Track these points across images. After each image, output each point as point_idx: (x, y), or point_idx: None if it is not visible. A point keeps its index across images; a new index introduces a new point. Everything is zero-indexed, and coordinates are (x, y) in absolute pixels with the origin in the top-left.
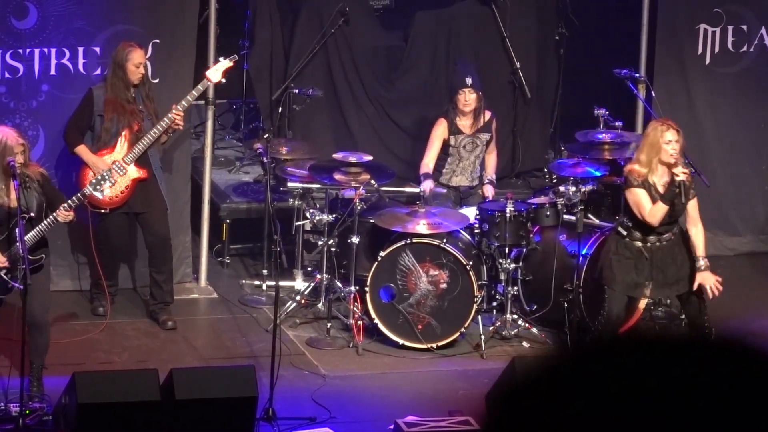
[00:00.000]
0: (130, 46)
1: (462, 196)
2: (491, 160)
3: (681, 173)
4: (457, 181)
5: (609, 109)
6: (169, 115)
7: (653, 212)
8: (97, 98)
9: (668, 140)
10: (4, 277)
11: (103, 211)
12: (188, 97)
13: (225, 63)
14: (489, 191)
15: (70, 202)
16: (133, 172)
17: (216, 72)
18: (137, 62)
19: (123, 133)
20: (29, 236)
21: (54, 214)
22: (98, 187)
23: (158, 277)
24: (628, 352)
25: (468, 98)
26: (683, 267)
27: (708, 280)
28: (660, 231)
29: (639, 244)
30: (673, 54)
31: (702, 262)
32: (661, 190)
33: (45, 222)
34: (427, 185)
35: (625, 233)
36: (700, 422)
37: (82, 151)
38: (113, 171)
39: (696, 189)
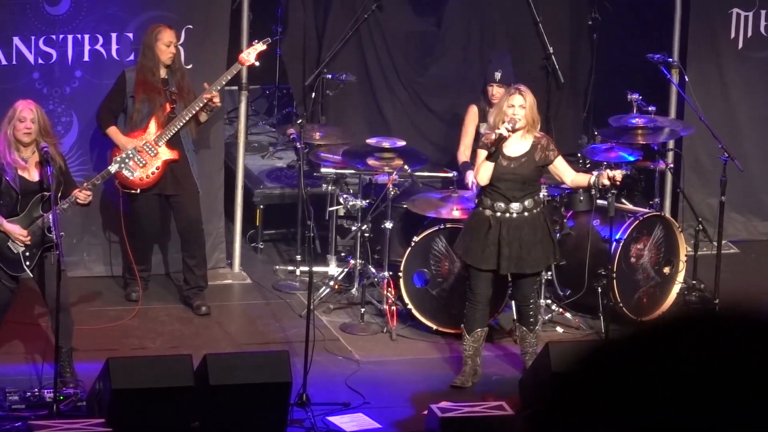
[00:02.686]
0: (159, 26)
1: None
2: None
3: (504, 128)
4: None
5: (642, 94)
6: (203, 96)
7: (477, 168)
8: (129, 80)
9: (512, 104)
10: (20, 254)
11: (134, 192)
12: (221, 80)
13: (259, 46)
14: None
15: (94, 180)
16: (164, 153)
17: (249, 55)
18: (167, 41)
19: (154, 114)
20: (50, 215)
21: (75, 194)
22: (122, 165)
23: (191, 261)
24: (664, 337)
25: (495, 92)
26: (530, 249)
27: (602, 176)
28: (509, 198)
29: (488, 212)
30: (706, 38)
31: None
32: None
33: (63, 203)
34: (470, 178)
35: (476, 201)
36: (735, 410)
37: (113, 132)
38: (142, 151)
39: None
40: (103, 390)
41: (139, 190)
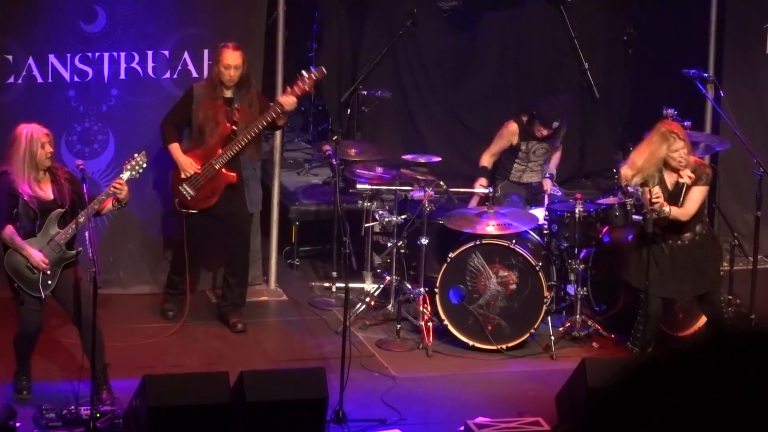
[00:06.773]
0: (224, 46)
1: (534, 192)
2: (554, 158)
3: (687, 176)
4: (528, 177)
5: (677, 109)
6: (267, 114)
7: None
8: (196, 96)
9: (676, 149)
10: (40, 274)
11: (192, 211)
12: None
13: (314, 74)
14: (548, 185)
15: (107, 190)
16: (223, 174)
17: (305, 83)
18: (225, 63)
19: (215, 133)
20: (68, 230)
21: (111, 189)
22: (133, 173)
23: (231, 279)
24: (700, 356)
25: (544, 133)
26: (702, 269)
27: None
28: (684, 230)
29: (661, 243)
30: (741, 53)
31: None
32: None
33: (80, 216)
34: (480, 183)
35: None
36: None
37: (174, 149)
38: (201, 172)
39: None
40: (140, 407)
41: (196, 210)
